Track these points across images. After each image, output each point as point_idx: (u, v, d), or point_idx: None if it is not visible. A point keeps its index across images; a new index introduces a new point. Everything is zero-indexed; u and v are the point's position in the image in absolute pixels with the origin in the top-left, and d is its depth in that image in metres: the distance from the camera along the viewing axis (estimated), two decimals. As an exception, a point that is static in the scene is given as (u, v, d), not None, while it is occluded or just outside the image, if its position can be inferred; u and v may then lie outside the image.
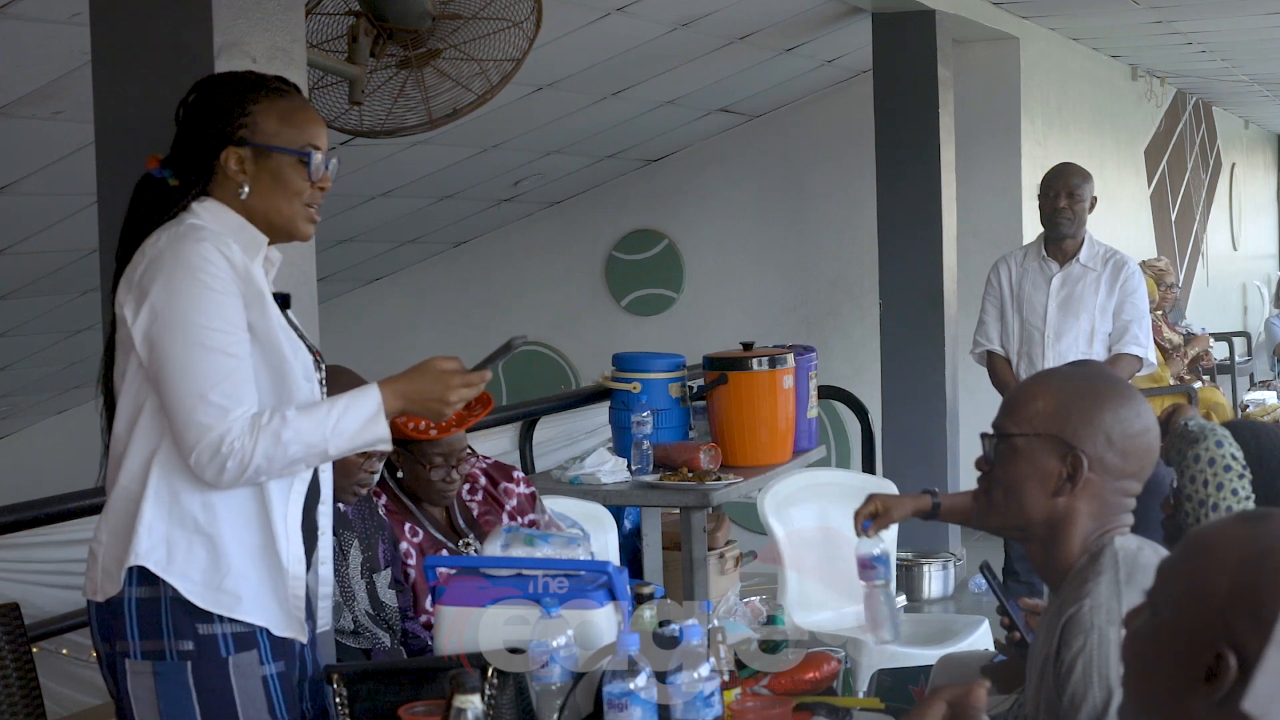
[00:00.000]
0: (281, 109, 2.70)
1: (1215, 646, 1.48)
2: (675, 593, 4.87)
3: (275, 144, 2.68)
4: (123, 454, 2.63)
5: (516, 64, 4.43)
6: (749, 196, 9.62)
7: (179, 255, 2.57)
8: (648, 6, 6.64)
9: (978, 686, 1.88)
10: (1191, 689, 1.50)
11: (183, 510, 2.59)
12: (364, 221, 8.83)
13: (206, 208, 2.67)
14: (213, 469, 2.54)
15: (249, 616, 2.61)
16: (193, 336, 2.54)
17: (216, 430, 2.53)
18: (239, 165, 2.67)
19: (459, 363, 2.74)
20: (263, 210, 2.70)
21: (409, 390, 2.70)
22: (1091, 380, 2.42)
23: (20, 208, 6.55)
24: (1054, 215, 5.89)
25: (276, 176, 2.69)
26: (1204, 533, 1.58)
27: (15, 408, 9.53)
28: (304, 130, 2.71)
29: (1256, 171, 17.41)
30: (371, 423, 2.64)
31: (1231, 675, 1.47)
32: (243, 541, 2.62)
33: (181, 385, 2.54)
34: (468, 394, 2.74)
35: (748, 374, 5.10)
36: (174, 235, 2.60)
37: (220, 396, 2.53)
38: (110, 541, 2.63)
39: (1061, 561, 2.33)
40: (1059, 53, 9.66)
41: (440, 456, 3.75)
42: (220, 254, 2.58)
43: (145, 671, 2.59)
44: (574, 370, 9.97)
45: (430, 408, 2.73)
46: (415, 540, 3.74)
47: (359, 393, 2.66)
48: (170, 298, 2.55)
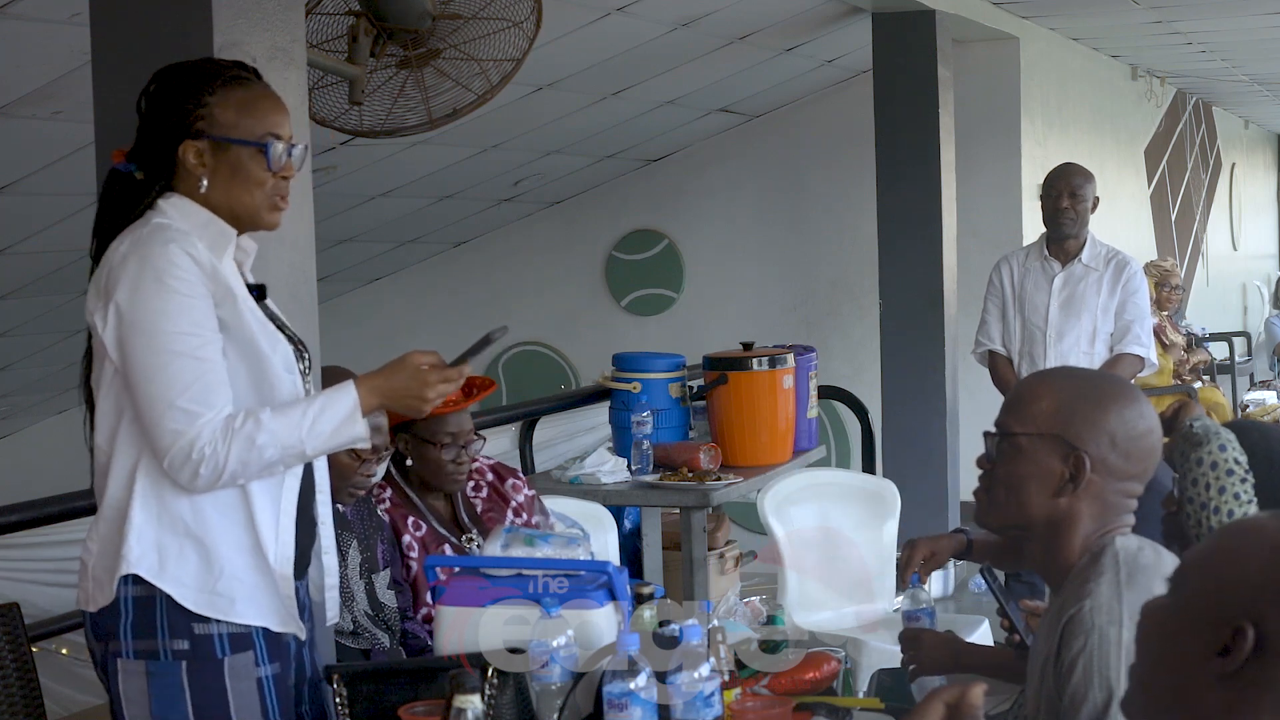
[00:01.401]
0: (239, 99, 2.65)
1: (1235, 622, 1.49)
2: (675, 593, 4.87)
3: (233, 135, 2.63)
4: (107, 463, 2.61)
5: (516, 64, 4.43)
6: (749, 196, 9.62)
7: (143, 259, 2.54)
8: (648, 6, 6.64)
9: (975, 686, 1.89)
10: (1204, 661, 1.51)
11: (171, 515, 2.57)
12: (364, 221, 8.83)
13: (173, 204, 2.64)
14: (186, 474, 2.52)
15: (244, 618, 2.60)
16: (159, 342, 2.52)
17: (186, 436, 2.50)
18: (198, 158, 2.63)
19: (437, 357, 2.70)
20: (225, 203, 2.65)
21: (385, 387, 2.67)
22: (1095, 381, 2.42)
23: (20, 208, 6.55)
24: (1056, 215, 5.89)
25: (236, 169, 2.64)
26: (1239, 523, 1.61)
27: (15, 408, 9.53)
28: (263, 119, 2.66)
29: (1256, 171, 17.41)
30: (348, 421, 2.61)
31: (1247, 649, 1.48)
32: (234, 541, 2.60)
33: (150, 391, 2.52)
34: (446, 389, 2.70)
35: (748, 374, 5.10)
36: (137, 238, 2.57)
37: (189, 402, 2.51)
38: (100, 551, 2.60)
39: (1062, 561, 2.33)
40: (1059, 53, 9.66)
41: (449, 435, 3.76)
42: (186, 254, 2.55)
43: (137, 671, 2.58)
44: (574, 370, 9.97)
45: (408, 404, 2.70)
46: (419, 534, 3.75)
47: (335, 391, 2.63)
48: (135, 303, 2.52)
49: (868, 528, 5.01)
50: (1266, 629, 1.48)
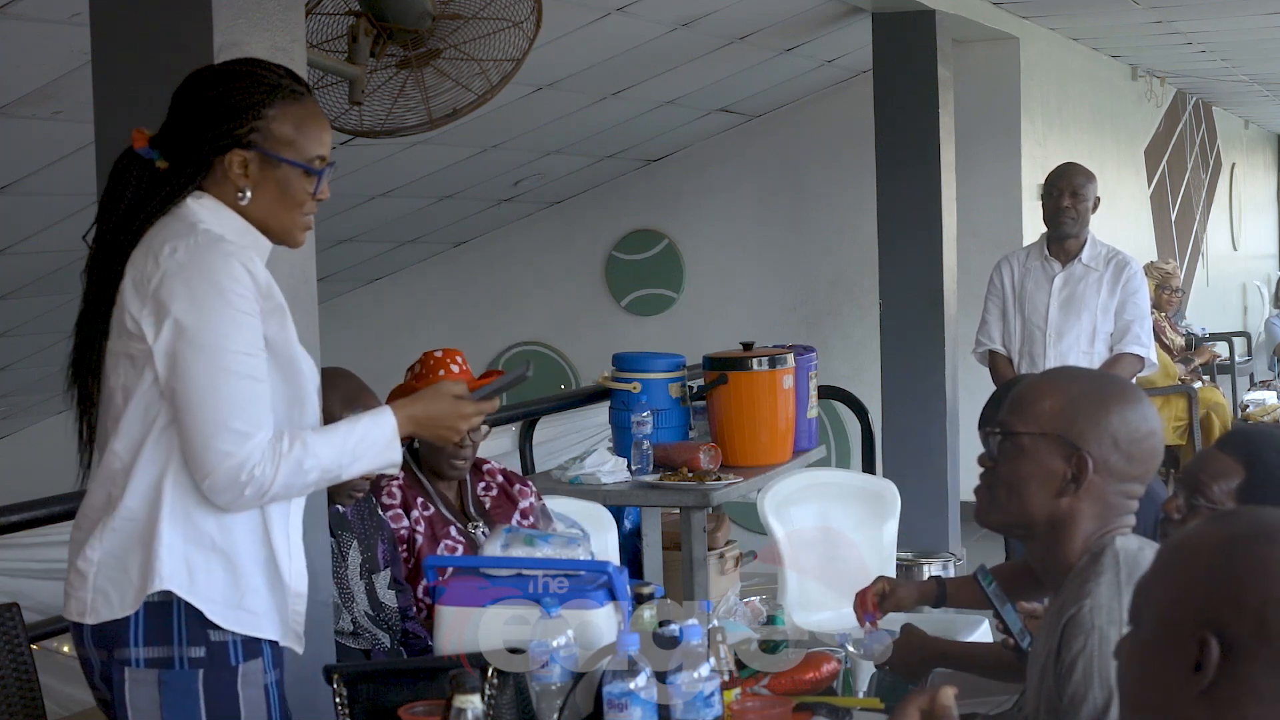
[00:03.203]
0: (296, 116, 2.61)
1: (1198, 634, 1.49)
2: (675, 593, 4.86)
3: (286, 155, 2.59)
4: (127, 471, 2.53)
5: (516, 64, 4.43)
6: (749, 196, 9.62)
7: (205, 271, 2.47)
8: (648, 6, 6.64)
9: (944, 688, 1.91)
10: (1182, 683, 1.51)
11: (198, 530, 2.52)
12: (364, 221, 8.83)
13: (205, 206, 2.58)
14: (229, 495, 2.48)
15: (265, 633, 2.58)
16: (220, 361, 2.46)
17: (236, 458, 2.46)
18: (243, 169, 2.58)
19: (464, 387, 2.74)
20: (260, 217, 2.61)
21: (423, 415, 2.69)
22: (1099, 381, 2.41)
23: (20, 208, 6.55)
24: (1057, 215, 5.89)
25: (283, 187, 2.61)
26: (1174, 539, 1.62)
27: (15, 408, 9.53)
28: (315, 140, 2.62)
29: (1256, 171, 17.41)
30: (387, 448, 2.62)
31: (1215, 659, 1.48)
32: (254, 557, 2.57)
33: (204, 410, 2.46)
34: (476, 421, 2.75)
35: (748, 374, 5.10)
36: (193, 246, 2.49)
37: (242, 423, 2.47)
38: (109, 563, 2.52)
39: (1062, 561, 2.33)
40: (1059, 53, 9.66)
41: None
42: (246, 270, 2.50)
43: (148, 680, 2.52)
44: (574, 370, 9.97)
45: (441, 434, 2.74)
46: (426, 514, 3.80)
47: (374, 417, 2.63)
48: (198, 318, 2.46)
49: (868, 528, 5.01)
50: (1228, 633, 1.48)
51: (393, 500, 3.79)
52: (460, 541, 3.80)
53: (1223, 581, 1.50)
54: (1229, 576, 1.50)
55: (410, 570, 3.71)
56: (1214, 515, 1.60)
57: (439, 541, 3.78)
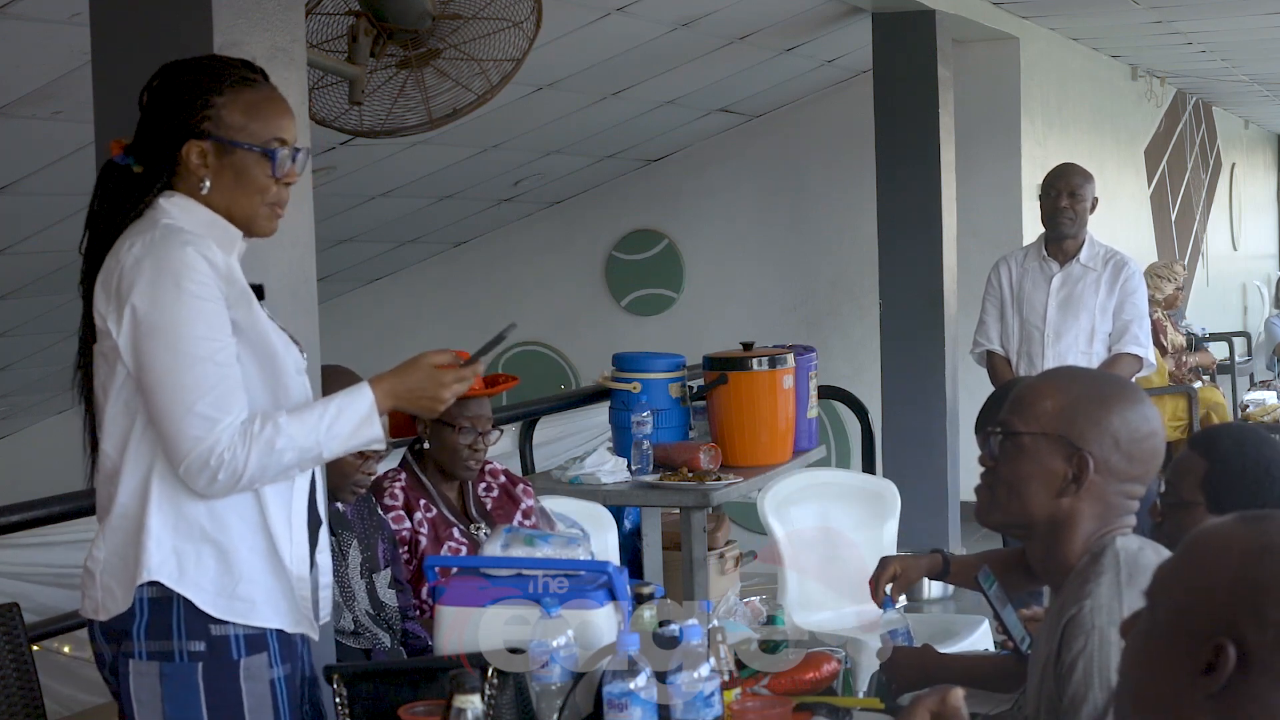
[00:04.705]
0: (247, 100, 2.61)
1: (1215, 639, 1.48)
2: (675, 593, 4.86)
3: (239, 139, 2.59)
4: (117, 470, 2.57)
5: (516, 64, 4.43)
6: (749, 196, 9.62)
7: (160, 261, 2.50)
8: (648, 6, 6.64)
9: (953, 690, 1.91)
10: (1190, 682, 1.50)
11: (188, 520, 2.54)
12: (364, 221, 8.83)
13: (175, 203, 2.60)
14: (203, 480, 2.50)
15: (263, 621, 2.58)
16: (179, 347, 2.48)
17: (205, 442, 2.48)
18: (201, 159, 2.59)
19: (451, 356, 2.71)
20: (224, 206, 2.62)
21: (400, 387, 2.67)
22: (1100, 381, 2.41)
23: (20, 208, 6.55)
24: (1056, 215, 5.89)
25: (239, 173, 2.61)
26: (1203, 532, 1.58)
27: (15, 408, 9.53)
28: (270, 123, 2.62)
29: (1256, 171, 17.41)
30: (365, 423, 2.61)
31: (1230, 667, 1.47)
32: (250, 545, 2.58)
33: (169, 397, 2.49)
34: (460, 389, 2.71)
35: (748, 374, 5.10)
36: (150, 240, 2.52)
37: (207, 407, 2.48)
38: (113, 561, 2.56)
39: (1063, 561, 2.33)
40: (1059, 53, 9.66)
41: (468, 420, 3.85)
42: (202, 257, 2.51)
43: (150, 673, 2.55)
44: (574, 370, 9.97)
45: (423, 405, 2.71)
46: (429, 516, 3.83)
47: (351, 393, 2.62)
48: (153, 307, 2.49)
49: (868, 528, 5.01)
50: (1246, 643, 1.47)
51: (395, 502, 3.79)
52: (463, 543, 3.81)
53: (1249, 590, 1.48)
54: (1256, 586, 1.48)
55: (413, 572, 3.71)
56: (1248, 515, 1.57)
57: (442, 543, 3.79)
